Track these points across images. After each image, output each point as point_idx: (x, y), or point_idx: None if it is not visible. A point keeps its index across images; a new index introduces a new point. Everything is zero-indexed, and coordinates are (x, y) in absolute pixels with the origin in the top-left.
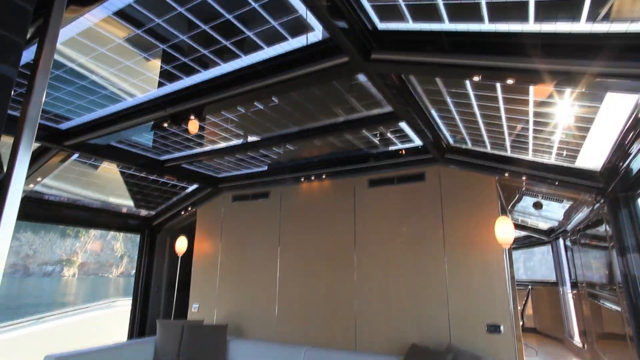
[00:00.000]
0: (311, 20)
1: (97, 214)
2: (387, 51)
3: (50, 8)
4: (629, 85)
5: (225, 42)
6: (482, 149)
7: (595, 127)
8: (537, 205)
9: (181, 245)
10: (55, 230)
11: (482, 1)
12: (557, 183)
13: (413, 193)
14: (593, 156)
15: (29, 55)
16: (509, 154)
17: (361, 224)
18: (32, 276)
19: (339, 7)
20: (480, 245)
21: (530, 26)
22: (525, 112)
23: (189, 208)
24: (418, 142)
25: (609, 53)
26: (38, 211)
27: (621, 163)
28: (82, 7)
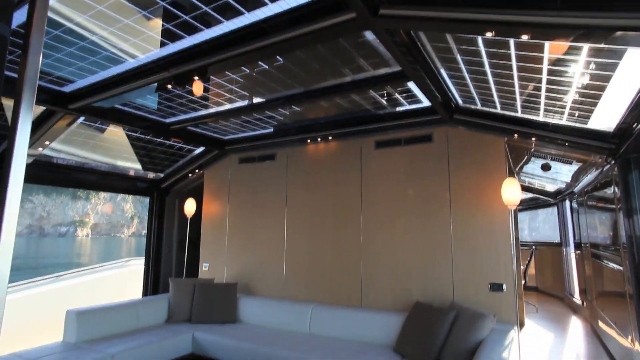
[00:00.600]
0: None
1: (106, 176)
2: (396, 6)
3: None
4: None
5: None
6: (491, 110)
7: (611, 85)
8: (546, 167)
9: (190, 207)
10: (66, 193)
11: None
12: (567, 144)
13: (420, 154)
14: (607, 117)
15: (25, 16)
16: (519, 114)
17: (367, 186)
18: (47, 237)
19: None
20: (486, 206)
21: None
22: (538, 70)
23: (196, 170)
24: (426, 103)
25: (632, 3)
26: (48, 174)
27: (636, 124)
28: None
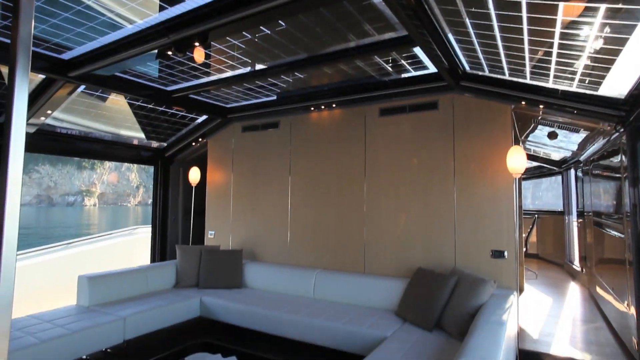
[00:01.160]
0: None
1: (110, 146)
2: None
3: None
4: None
5: None
6: (499, 76)
7: (627, 49)
8: (552, 135)
9: (194, 175)
10: (71, 163)
11: None
12: (575, 112)
13: (425, 122)
14: (619, 83)
15: None
16: (528, 80)
17: (371, 154)
18: (56, 206)
19: None
20: (491, 174)
21: None
22: (550, 34)
23: (200, 139)
24: (432, 69)
25: None
26: (52, 144)
27: None
28: None
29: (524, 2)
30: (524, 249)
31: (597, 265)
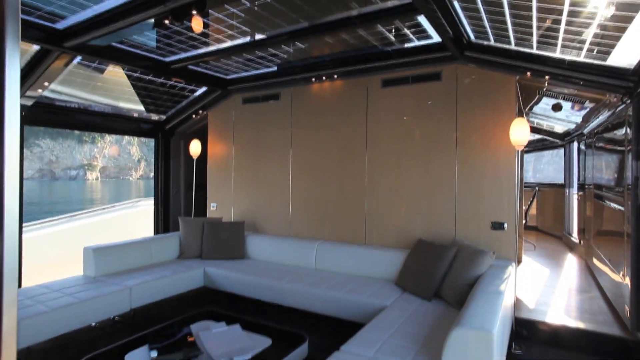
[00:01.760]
0: None
1: (109, 119)
2: None
3: None
4: None
5: None
6: (505, 46)
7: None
8: (557, 107)
9: (195, 148)
10: (72, 137)
11: None
12: (582, 83)
13: (428, 93)
14: (629, 52)
15: None
16: (534, 50)
17: (373, 125)
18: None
19: None
20: (493, 146)
21: None
22: (560, 1)
23: (200, 111)
24: (436, 39)
25: None
26: (51, 116)
27: None
28: None
29: None
30: (524, 221)
31: (595, 237)
